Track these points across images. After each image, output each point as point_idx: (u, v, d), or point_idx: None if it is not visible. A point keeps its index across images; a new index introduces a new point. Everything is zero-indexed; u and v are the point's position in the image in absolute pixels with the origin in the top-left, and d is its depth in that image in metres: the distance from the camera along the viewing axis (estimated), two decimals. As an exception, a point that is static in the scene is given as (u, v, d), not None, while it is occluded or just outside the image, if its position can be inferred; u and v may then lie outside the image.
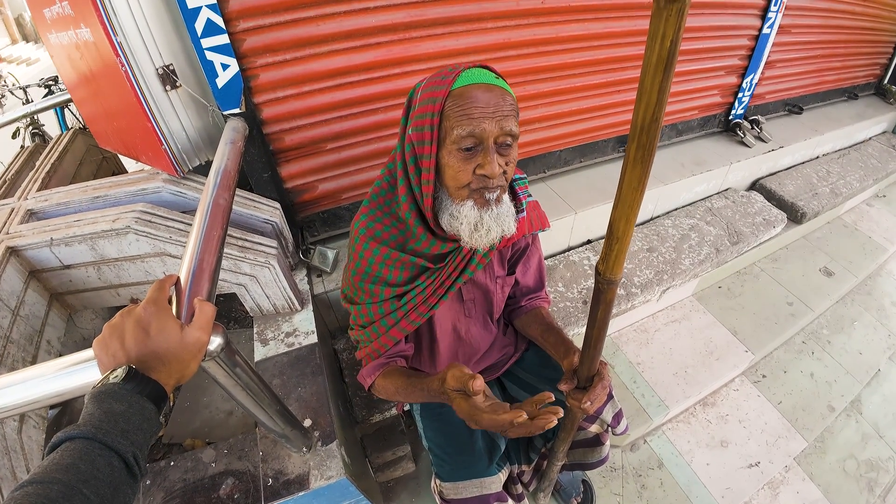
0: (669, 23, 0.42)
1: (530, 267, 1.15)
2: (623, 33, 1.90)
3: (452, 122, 0.78)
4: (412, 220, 0.90)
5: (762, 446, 1.88)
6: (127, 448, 0.49)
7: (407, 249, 0.95)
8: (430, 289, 0.97)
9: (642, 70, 0.47)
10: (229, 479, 1.13)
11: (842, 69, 3.23)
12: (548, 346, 1.07)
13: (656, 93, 0.47)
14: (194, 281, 0.70)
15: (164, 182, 1.34)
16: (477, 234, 0.85)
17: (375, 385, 1.05)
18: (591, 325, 0.78)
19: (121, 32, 1.11)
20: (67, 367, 0.63)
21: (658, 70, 0.45)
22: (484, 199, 0.84)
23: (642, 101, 0.48)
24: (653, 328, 2.17)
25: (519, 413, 0.72)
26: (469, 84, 0.79)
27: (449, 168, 0.82)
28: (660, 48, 0.44)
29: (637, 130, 0.51)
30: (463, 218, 0.84)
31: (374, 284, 0.97)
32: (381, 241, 0.94)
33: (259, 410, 0.89)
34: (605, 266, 0.69)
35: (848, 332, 2.45)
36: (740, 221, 2.32)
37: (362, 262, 0.95)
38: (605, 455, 1.24)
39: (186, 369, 0.60)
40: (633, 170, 0.54)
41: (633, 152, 0.53)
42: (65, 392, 0.63)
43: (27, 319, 1.24)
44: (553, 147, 2.10)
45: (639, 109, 0.49)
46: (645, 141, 0.51)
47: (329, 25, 1.35)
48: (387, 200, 0.95)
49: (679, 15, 0.41)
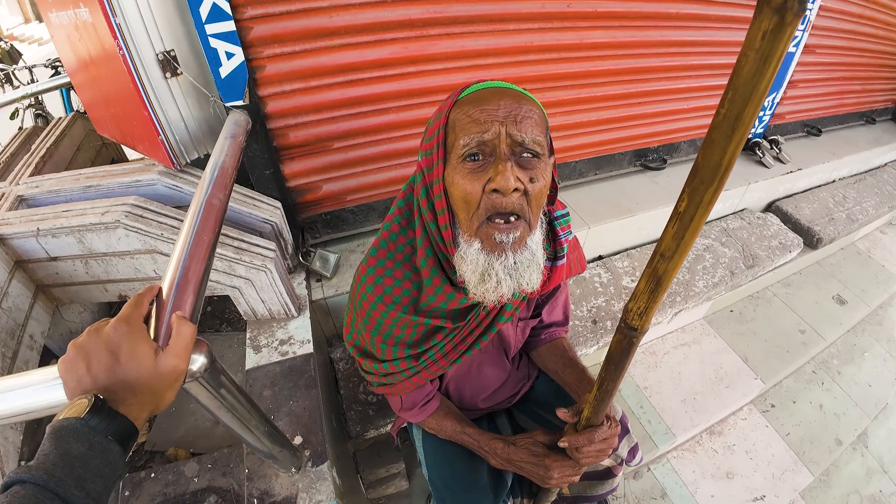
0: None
1: (557, 305, 1.05)
2: (648, 43, 1.84)
3: (457, 130, 0.66)
4: (428, 270, 0.75)
5: (768, 479, 1.81)
6: (80, 500, 0.42)
7: (421, 306, 0.80)
8: (448, 346, 0.87)
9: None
10: (212, 496, 1.06)
11: (861, 93, 3.20)
12: (568, 382, 0.99)
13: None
14: (177, 293, 0.62)
15: (160, 174, 1.27)
16: (483, 286, 0.69)
17: (425, 423, 1.01)
18: (607, 373, 0.67)
19: (120, 14, 1.05)
20: (32, 384, 0.56)
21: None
22: (495, 243, 0.67)
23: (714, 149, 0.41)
24: (662, 351, 2.10)
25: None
26: (478, 90, 0.68)
27: (455, 187, 0.67)
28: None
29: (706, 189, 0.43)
30: (469, 262, 0.68)
31: (386, 343, 0.86)
32: (391, 303, 0.80)
33: (245, 431, 0.82)
34: (640, 315, 0.57)
35: (858, 363, 2.39)
36: (756, 244, 2.25)
37: (371, 320, 0.83)
38: (614, 486, 1.17)
39: (161, 400, 0.53)
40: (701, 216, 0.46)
41: (700, 204, 0.45)
42: (30, 411, 0.57)
43: (9, 312, 1.17)
44: (569, 158, 2.03)
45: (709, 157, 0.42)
46: (703, 198, 0.44)
47: (343, 17, 1.28)
48: (398, 246, 0.80)
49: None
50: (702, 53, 2.02)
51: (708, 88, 2.18)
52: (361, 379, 1.48)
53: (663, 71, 1.97)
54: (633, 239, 2.13)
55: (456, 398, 1.06)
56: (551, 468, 0.84)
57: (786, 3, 0.32)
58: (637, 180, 2.23)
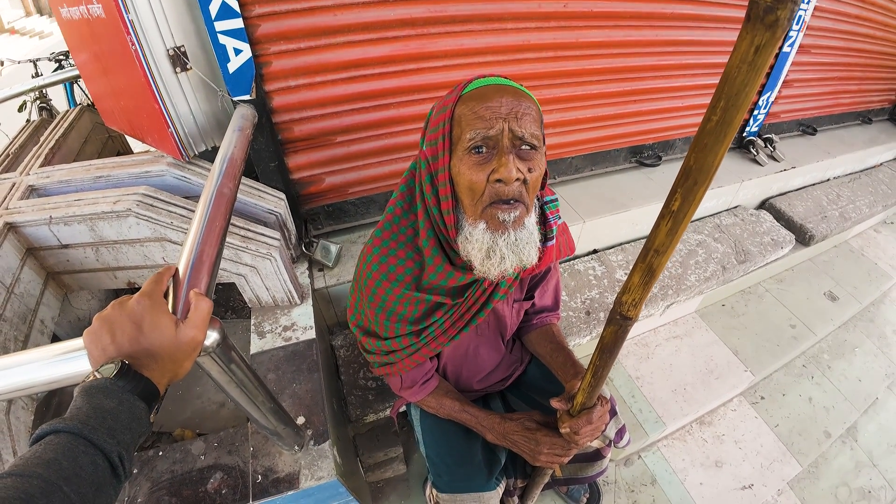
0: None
1: (548, 289, 1.11)
2: (643, 42, 1.88)
3: (463, 125, 0.72)
4: (429, 250, 0.82)
5: (756, 469, 1.86)
6: (113, 447, 0.47)
7: (422, 284, 0.87)
8: (447, 322, 0.92)
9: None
10: (218, 473, 1.10)
11: (858, 93, 3.22)
12: (555, 366, 1.04)
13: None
14: (193, 273, 0.67)
15: (169, 166, 1.31)
16: (489, 262, 0.76)
17: (424, 402, 1.05)
18: (601, 360, 0.72)
19: (133, 10, 1.09)
20: (56, 356, 0.61)
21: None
22: (498, 222, 0.74)
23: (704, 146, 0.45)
24: (654, 343, 2.15)
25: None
26: (480, 86, 0.74)
27: (461, 177, 0.74)
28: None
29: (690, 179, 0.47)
30: (475, 241, 0.75)
31: (390, 320, 0.91)
32: (395, 280, 0.86)
33: (252, 407, 0.87)
34: (634, 306, 0.62)
35: (849, 358, 2.43)
36: (748, 240, 2.30)
37: (375, 297, 0.89)
38: (604, 468, 1.22)
39: (180, 368, 0.57)
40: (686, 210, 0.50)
41: (684, 203, 0.49)
42: (52, 381, 0.61)
43: (21, 297, 1.21)
44: (565, 154, 2.07)
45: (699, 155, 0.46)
46: (695, 197, 0.48)
47: (347, 16, 1.32)
48: (401, 228, 0.86)
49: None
50: (695, 53, 2.06)
51: (701, 87, 2.22)
52: (361, 365, 1.53)
53: (658, 69, 2.00)
54: (628, 234, 2.17)
55: (453, 379, 1.11)
56: (542, 442, 0.90)
57: (777, 20, 0.35)
58: (632, 176, 2.27)
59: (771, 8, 0.35)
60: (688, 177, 0.48)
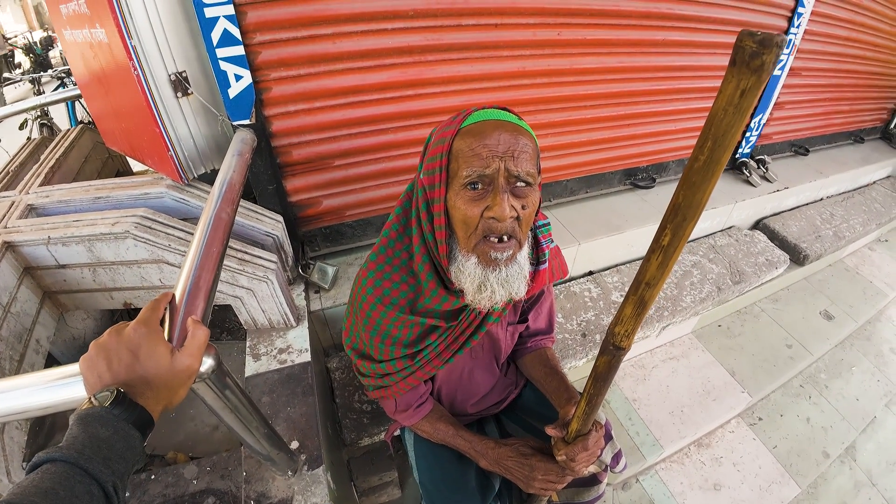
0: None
1: (542, 312, 1.12)
2: (636, 69, 1.92)
3: (460, 161, 0.73)
4: (424, 274, 0.84)
5: (755, 491, 1.84)
6: (108, 477, 0.47)
7: (417, 307, 0.88)
8: (442, 345, 0.93)
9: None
10: (210, 498, 1.09)
11: (849, 112, 3.26)
12: (549, 390, 1.04)
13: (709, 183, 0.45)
14: (189, 299, 0.68)
15: (168, 188, 1.33)
16: (480, 295, 0.78)
17: (418, 426, 1.05)
18: (595, 388, 0.73)
19: (136, 36, 1.11)
20: (52, 381, 0.61)
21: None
22: (489, 259, 0.76)
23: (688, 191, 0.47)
24: (650, 364, 2.14)
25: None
26: (479, 121, 0.75)
27: (456, 210, 0.75)
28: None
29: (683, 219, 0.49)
30: (468, 274, 0.78)
31: (384, 343, 0.92)
32: (390, 303, 0.87)
33: (246, 433, 0.87)
34: (627, 336, 0.64)
35: (846, 377, 2.43)
36: (743, 261, 2.31)
37: (370, 320, 0.90)
38: (601, 493, 1.21)
39: (175, 396, 0.58)
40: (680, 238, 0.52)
41: (674, 239, 0.51)
42: (48, 406, 0.61)
43: (18, 317, 1.21)
44: (560, 176, 2.10)
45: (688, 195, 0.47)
46: (684, 232, 0.50)
47: (345, 44, 1.35)
48: (396, 252, 0.88)
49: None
50: (688, 77, 2.10)
51: (694, 111, 2.26)
52: (357, 388, 1.52)
53: (651, 94, 2.04)
54: (623, 255, 2.18)
55: (447, 403, 1.11)
56: (536, 469, 0.90)
57: (763, 64, 0.36)
58: (627, 198, 2.30)
59: (757, 53, 0.36)
60: (677, 213, 0.49)
